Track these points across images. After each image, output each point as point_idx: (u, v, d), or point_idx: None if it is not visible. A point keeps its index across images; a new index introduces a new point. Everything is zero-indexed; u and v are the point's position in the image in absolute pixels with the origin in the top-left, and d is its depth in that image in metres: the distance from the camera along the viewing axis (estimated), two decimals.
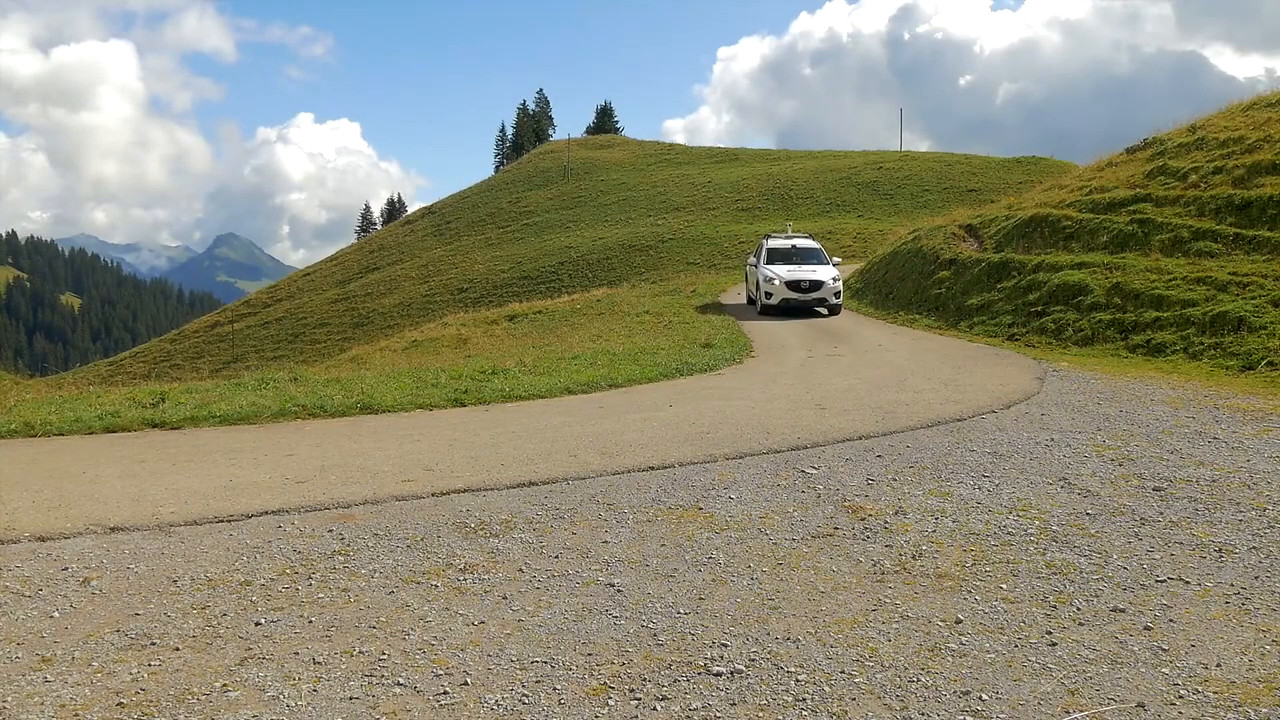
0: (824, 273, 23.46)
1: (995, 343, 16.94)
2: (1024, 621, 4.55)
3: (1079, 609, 4.70)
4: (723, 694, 3.82)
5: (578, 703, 3.75)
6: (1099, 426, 9.16)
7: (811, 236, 26.80)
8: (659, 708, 3.71)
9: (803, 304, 22.96)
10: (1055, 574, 5.18)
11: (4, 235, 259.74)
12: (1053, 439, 8.57)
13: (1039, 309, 17.79)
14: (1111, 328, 15.99)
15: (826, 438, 8.76)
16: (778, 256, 24.47)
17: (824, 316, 22.69)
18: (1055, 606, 4.73)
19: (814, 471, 7.44)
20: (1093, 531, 5.91)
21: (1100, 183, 21.84)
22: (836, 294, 23.10)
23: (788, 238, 25.76)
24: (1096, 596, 4.86)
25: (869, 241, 43.27)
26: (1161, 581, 5.06)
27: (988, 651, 4.22)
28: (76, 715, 3.64)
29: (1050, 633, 4.41)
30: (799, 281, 23.02)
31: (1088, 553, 5.51)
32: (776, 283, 23.12)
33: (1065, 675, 3.99)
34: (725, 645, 4.27)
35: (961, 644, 4.29)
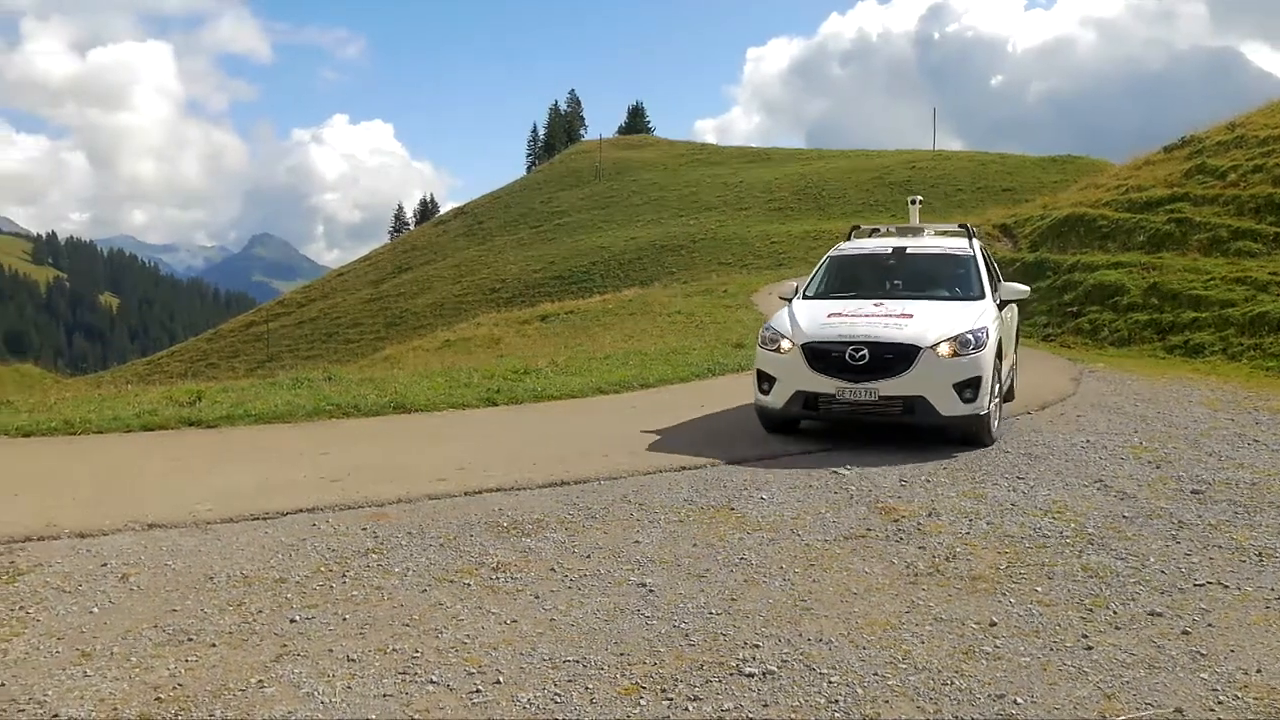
0: (943, 320, 8.57)
1: (1030, 343, 16.77)
2: (1059, 625, 4.51)
3: (1115, 612, 4.65)
4: (755, 695, 3.81)
5: (610, 702, 3.75)
6: (1136, 428, 9.07)
7: (967, 230, 10.58)
8: (691, 708, 3.71)
9: (857, 410, 8.37)
10: (1091, 577, 5.13)
11: (44, 236, 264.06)
12: (1088, 440, 8.49)
13: (1075, 309, 17.63)
14: (1149, 328, 15.82)
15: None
16: (850, 279, 10.03)
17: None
18: (1091, 610, 4.69)
19: (846, 472, 7.40)
20: (1129, 534, 5.84)
21: (1137, 181, 21.60)
22: (969, 386, 8.18)
23: (896, 233, 11.20)
24: (1133, 600, 4.81)
25: None
26: (1200, 585, 5.00)
27: (1022, 655, 4.18)
28: (115, 709, 3.68)
29: (1086, 636, 4.37)
30: (843, 345, 8.39)
31: (1124, 556, 5.45)
32: (784, 349, 8.71)
33: (1101, 679, 3.95)
34: (757, 646, 4.26)
35: (996, 647, 4.26)
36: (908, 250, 10.15)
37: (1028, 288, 10.20)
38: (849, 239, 10.92)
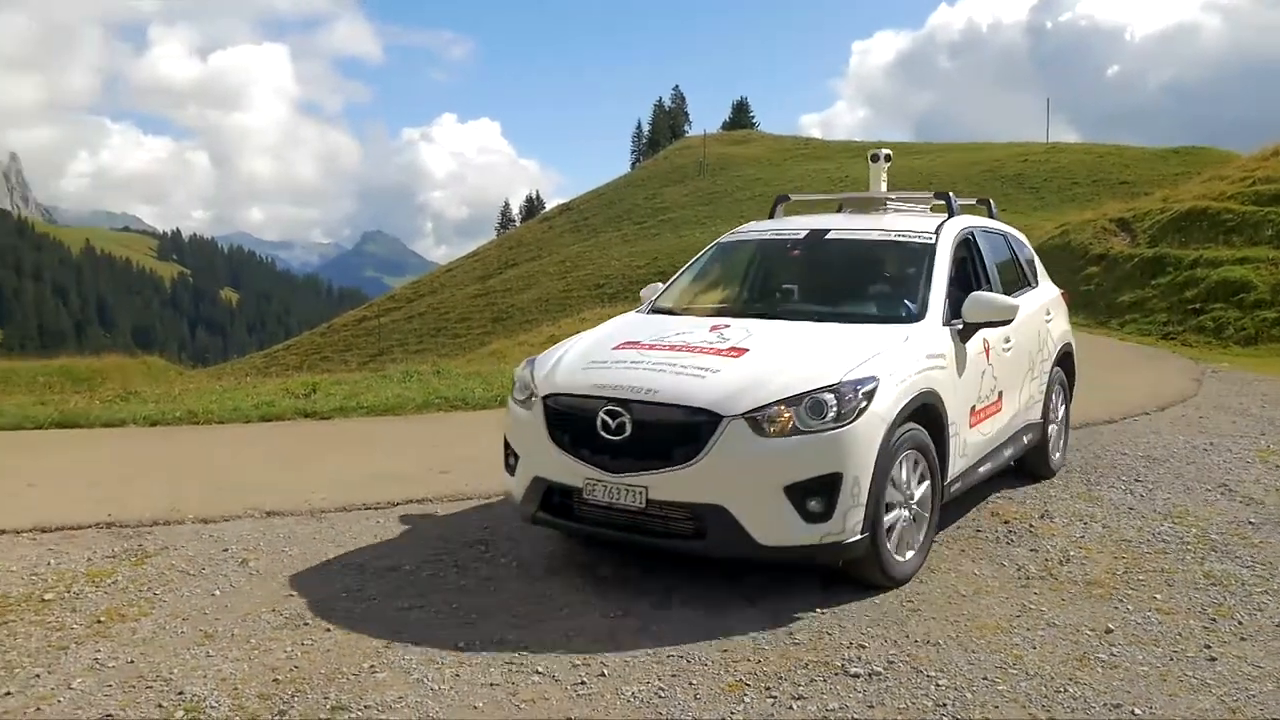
0: (798, 360, 4.91)
1: (1149, 342, 16.21)
2: (1180, 634, 4.35)
3: (1241, 623, 4.47)
4: (860, 696, 3.77)
5: (713, 698, 3.75)
6: (1262, 430, 8.68)
7: (948, 204, 6.65)
8: (795, 706, 3.68)
9: (612, 521, 4.80)
10: (1214, 585, 4.93)
11: (169, 233, 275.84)
12: (1211, 443, 8.16)
13: (1197, 306, 16.96)
14: (1277, 326, 15.13)
15: None
16: (729, 280, 7.00)
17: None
18: (1214, 619, 4.51)
19: None
20: (1256, 541, 5.60)
21: (1265, 173, 20.68)
22: (817, 491, 4.53)
23: (849, 209, 7.32)
24: (1260, 610, 4.61)
25: None
26: None
27: (1140, 664, 4.04)
28: (235, 688, 3.82)
29: (1209, 646, 4.20)
30: (596, 403, 4.81)
31: (1250, 564, 5.23)
32: (531, 402, 5.16)
33: (1225, 692, 3.79)
34: (863, 646, 4.21)
35: (1112, 654, 4.13)
36: (829, 235, 6.39)
37: (1015, 303, 5.84)
38: (772, 214, 7.31)
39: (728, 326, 5.44)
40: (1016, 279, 7.07)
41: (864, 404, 4.63)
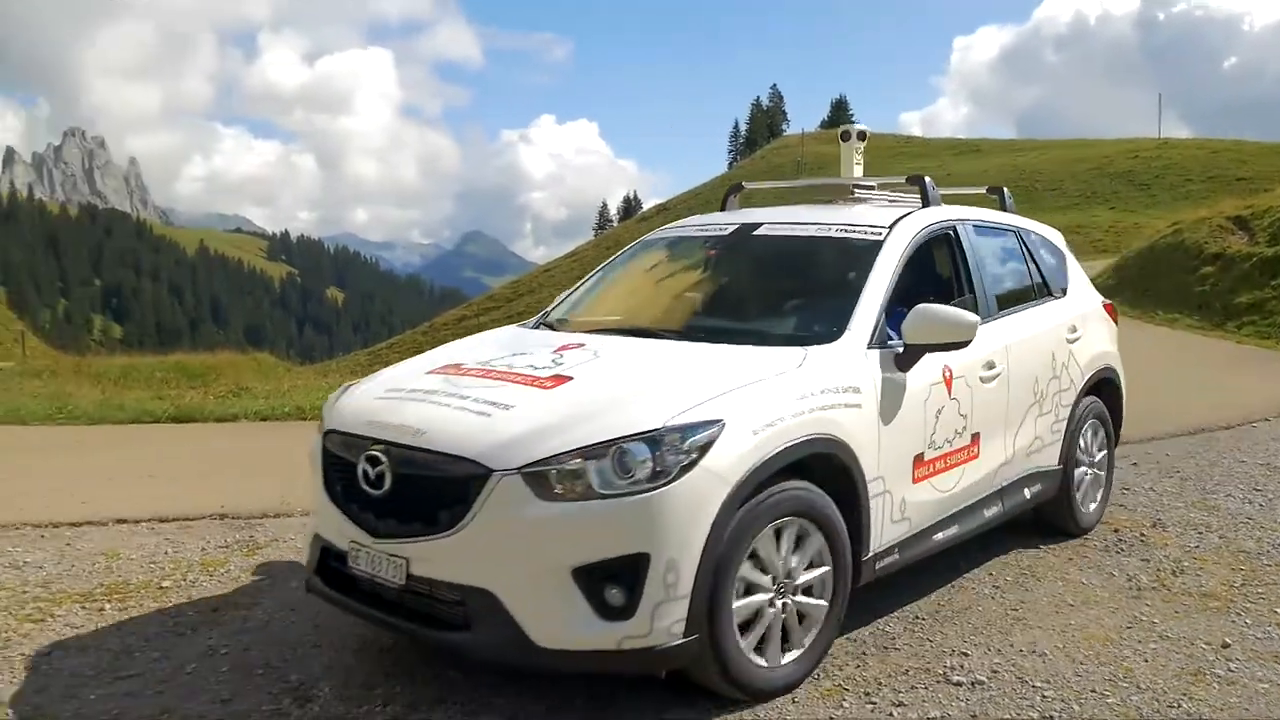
0: (629, 395, 3.67)
1: (1269, 345, 15.56)
2: None
3: None
4: (963, 704, 3.69)
5: (812, 703, 3.72)
6: None
7: (923, 191, 5.22)
8: (895, 713, 3.63)
9: (374, 599, 3.74)
10: None
11: (278, 235, 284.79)
12: None
13: None
14: None
15: None
16: (636, 288, 5.59)
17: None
18: None
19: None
20: None
21: None
22: (616, 576, 3.34)
23: (822, 191, 5.90)
24: None
25: (1123, 235, 40.60)
26: None
27: (1260, 680, 3.88)
28: (342, 679, 3.92)
29: None
30: (361, 445, 3.78)
31: None
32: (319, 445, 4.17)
33: None
34: (966, 654, 4.13)
35: (1229, 670, 3.98)
36: (758, 231, 5.13)
37: (971, 319, 4.27)
38: (724, 206, 6.01)
39: (580, 346, 4.26)
40: (1029, 287, 5.60)
41: (692, 458, 3.40)
